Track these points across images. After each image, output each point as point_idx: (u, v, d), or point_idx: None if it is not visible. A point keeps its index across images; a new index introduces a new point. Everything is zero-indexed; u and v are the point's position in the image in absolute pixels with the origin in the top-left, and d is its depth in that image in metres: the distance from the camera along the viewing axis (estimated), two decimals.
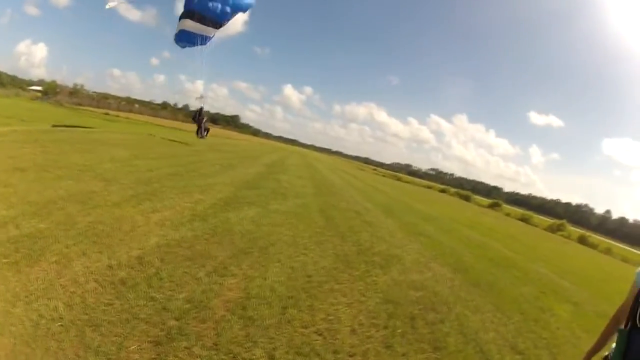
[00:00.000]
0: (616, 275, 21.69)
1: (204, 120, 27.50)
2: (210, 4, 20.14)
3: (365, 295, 6.03)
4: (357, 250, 8.64)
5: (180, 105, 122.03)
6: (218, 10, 20.20)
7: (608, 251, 42.26)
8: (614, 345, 2.41)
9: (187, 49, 22.84)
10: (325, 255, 7.61)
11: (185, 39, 22.30)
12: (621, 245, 65.61)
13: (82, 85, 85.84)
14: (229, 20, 21.13)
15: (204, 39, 22.03)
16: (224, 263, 5.80)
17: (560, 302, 9.88)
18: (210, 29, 21.34)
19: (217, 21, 20.76)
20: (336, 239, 9.08)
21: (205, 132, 27.60)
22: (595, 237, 54.49)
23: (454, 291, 7.66)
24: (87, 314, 3.72)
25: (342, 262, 7.39)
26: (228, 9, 20.41)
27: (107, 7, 21.82)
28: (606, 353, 2.54)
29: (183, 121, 70.71)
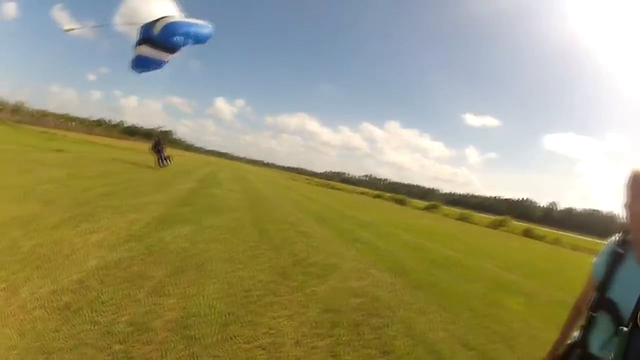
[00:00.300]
0: (567, 263, 23.27)
1: (164, 150, 28.11)
2: (172, 38, 20.95)
3: (306, 306, 6.36)
4: (293, 261, 9.04)
5: (114, 122, 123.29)
6: (180, 43, 21.03)
7: (557, 241, 44.49)
8: (576, 334, 2.62)
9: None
10: (262, 268, 7.94)
11: (142, 64, 23.17)
12: (571, 235, 69.42)
13: (22, 103, 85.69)
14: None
15: (159, 64, 22.96)
16: (161, 283, 6.05)
17: (511, 296, 10.58)
18: (164, 54, 22.22)
19: (175, 49, 21.55)
20: (271, 252, 9.46)
21: (167, 161, 27.92)
22: (542, 229, 57.21)
23: (396, 295, 8.12)
24: (38, 341, 3.90)
25: (279, 275, 7.74)
26: (190, 41, 21.23)
27: (64, 30, 23.72)
28: (569, 342, 2.70)
29: (118, 138, 73.47)
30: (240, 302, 5.93)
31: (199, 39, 22.32)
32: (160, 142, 29.57)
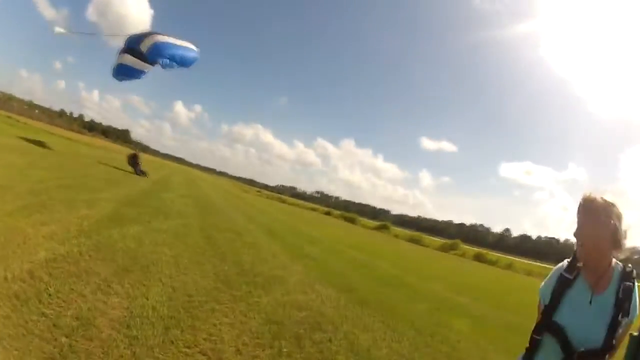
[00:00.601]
0: (520, 287, 24.02)
1: (140, 164, 29.86)
2: (158, 58, 21.51)
3: (248, 315, 6.56)
4: (238, 271, 9.26)
5: (75, 115, 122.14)
6: (165, 65, 21.58)
7: (509, 266, 45.64)
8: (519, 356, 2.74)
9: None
10: (206, 275, 8.14)
11: (124, 72, 24.10)
12: (525, 260, 71.01)
13: None
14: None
15: (140, 73, 23.82)
16: (107, 281, 6.18)
17: (458, 317, 10.97)
18: (147, 65, 22.96)
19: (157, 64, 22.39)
20: (216, 260, 9.68)
21: (143, 175, 28.54)
22: (494, 254, 58.25)
23: (340, 311, 8.38)
24: None
25: (223, 283, 7.95)
26: (175, 65, 21.80)
27: (55, 33, 25.50)
28: None
29: (78, 132, 73.53)
30: (182, 307, 6.09)
31: (184, 63, 22.92)
32: (136, 156, 30.26)
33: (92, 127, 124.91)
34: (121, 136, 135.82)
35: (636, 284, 2.50)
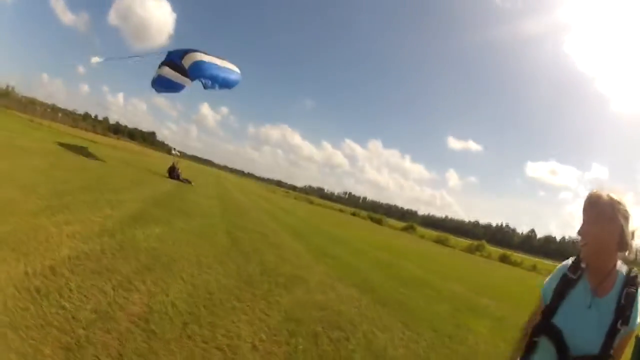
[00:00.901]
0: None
1: (180, 175, 29.97)
2: (200, 78, 21.82)
3: (267, 313, 6.60)
4: (261, 270, 9.32)
5: (100, 117, 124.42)
6: (207, 85, 21.89)
7: (533, 268, 44.44)
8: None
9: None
10: (228, 274, 8.22)
11: (163, 84, 24.73)
12: (549, 262, 70.08)
13: (13, 88, 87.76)
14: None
15: (179, 87, 24.31)
16: (128, 278, 6.27)
17: (478, 318, 10.82)
18: (188, 80, 23.40)
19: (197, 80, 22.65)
20: (240, 259, 9.77)
21: (187, 183, 28.91)
22: (519, 256, 57.54)
23: (361, 310, 8.38)
24: (8, 316, 4.18)
25: (245, 282, 8.01)
26: (216, 86, 22.05)
27: (92, 62, 27.41)
28: None
29: (103, 134, 74.46)
30: (203, 304, 6.18)
31: (227, 85, 23.03)
32: (174, 168, 30.39)
33: (118, 130, 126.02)
34: (147, 139, 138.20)
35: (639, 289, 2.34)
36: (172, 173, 30.13)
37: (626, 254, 2.38)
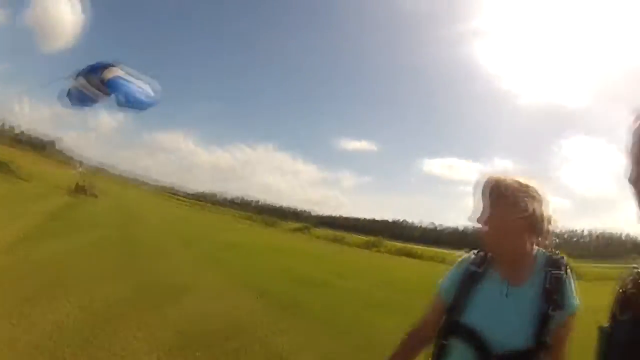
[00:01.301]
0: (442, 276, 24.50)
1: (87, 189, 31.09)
2: (112, 93, 20.90)
3: (159, 327, 6.42)
4: (153, 281, 9.20)
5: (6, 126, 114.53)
6: (120, 103, 20.99)
7: (435, 258, 45.54)
8: None
9: None
10: (122, 286, 8.06)
11: (76, 97, 23.24)
12: (454, 252, 72.58)
13: None
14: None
15: (93, 102, 23.05)
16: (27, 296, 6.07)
17: (383, 313, 10.69)
18: (103, 95, 22.29)
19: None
20: (133, 271, 9.62)
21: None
22: (420, 248, 58.60)
23: (256, 317, 8.23)
24: None
25: (137, 294, 7.87)
26: (128, 106, 21.30)
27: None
28: None
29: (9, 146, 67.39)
30: (102, 317, 6.11)
31: (141, 107, 22.05)
32: (79, 187, 31.00)
33: (20, 140, 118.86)
34: (44, 148, 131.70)
35: (568, 272, 2.07)
36: (79, 189, 30.42)
37: (540, 239, 2.13)
